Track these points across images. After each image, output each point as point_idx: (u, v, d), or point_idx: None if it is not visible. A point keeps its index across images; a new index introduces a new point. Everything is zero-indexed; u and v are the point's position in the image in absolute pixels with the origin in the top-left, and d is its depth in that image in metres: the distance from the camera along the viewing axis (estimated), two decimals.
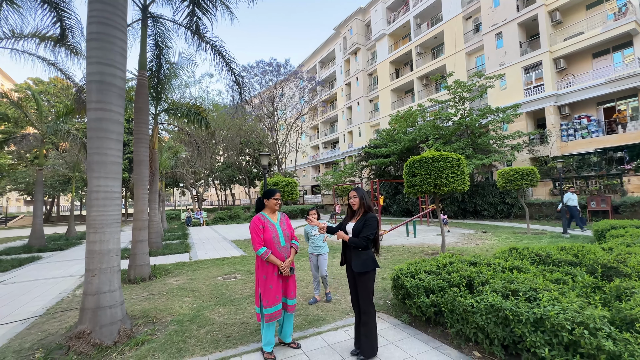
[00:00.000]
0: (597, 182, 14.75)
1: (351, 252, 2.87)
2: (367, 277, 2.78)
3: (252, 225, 2.91)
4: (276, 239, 2.93)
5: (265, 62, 26.22)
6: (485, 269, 3.59)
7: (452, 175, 6.85)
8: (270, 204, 3.04)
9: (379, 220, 2.93)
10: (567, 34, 18.96)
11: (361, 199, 2.95)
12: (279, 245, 2.93)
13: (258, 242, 2.85)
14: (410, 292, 3.49)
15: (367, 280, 2.79)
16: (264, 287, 2.84)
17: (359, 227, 2.83)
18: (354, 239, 2.79)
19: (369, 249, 2.82)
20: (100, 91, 3.33)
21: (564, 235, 9.65)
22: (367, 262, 2.76)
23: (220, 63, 7.61)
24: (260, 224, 2.90)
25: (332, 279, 5.57)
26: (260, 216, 2.97)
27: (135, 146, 6.27)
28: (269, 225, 2.95)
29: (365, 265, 2.75)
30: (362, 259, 2.78)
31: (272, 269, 2.87)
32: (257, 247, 2.84)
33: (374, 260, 2.82)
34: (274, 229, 2.96)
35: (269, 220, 2.98)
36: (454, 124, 17.15)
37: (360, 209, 2.94)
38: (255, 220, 2.93)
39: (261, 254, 2.82)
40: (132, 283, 5.81)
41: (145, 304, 4.53)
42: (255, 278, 2.98)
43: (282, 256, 2.93)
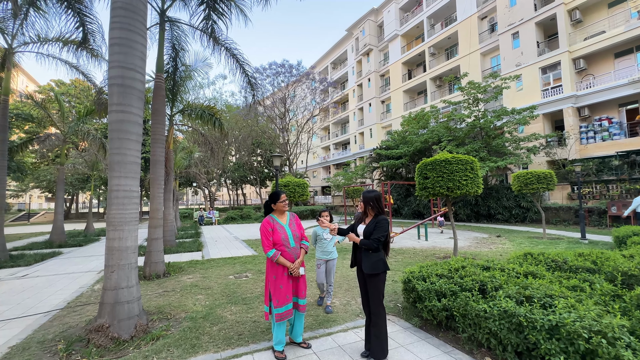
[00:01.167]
0: (619, 187, 14.22)
1: (361, 254, 2.88)
2: (378, 278, 2.79)
3: (261, 228, 2.98)
4: (285, 241, 2.96)
5: (278, 63, 26.49)
6: (498, 273, 3.53)
7: (465, 178, 6.75)
8: (278, 207, 3.09)
9: (390, 222, 2.89)
10: (587, 34, 18.38)
11: (366, 204, 2.95)
12: (289, 247, 2.97)
13: (267, 245, 2.90)
14: (421, 296, 3.48)
15: (378, 281, 2.79)
16: (274, 287, 2.89)
17: (369, 229, 2.83)
18: (364, 241, 2.80)
19: (380, 250, 2.81)
20: (121, 94, 3.46)
21: (582, 241, 9.35)
22: (378, 264, 2.76)
23: (234, 65, 7.75)
24: (269, 227, 2.95)
25: (342, 280, 5.58)
26: (269, 219, 3.02)
27: (152, 147, 6.45)
28: (277, 227, 2.99)
29: (376, 267, 2.75)
30: (372, 260, 2.78)
31: (282, 269, 2.92)
32: (266, 250, 2.89)
33: (385, 263, 2.81)
34: (283, 231, 2.99)
35: (278, 222, 3.03)
36: (467, 126, 16.87)
37: (371, 211, 2.95)
38: (265, 223, 2.98)
39: (270, 255, 2.87)
40: (147, 279, 5.98)
41: (160, 300, 4.66)
42: (266, 277, 3.03)
43: (292, 257, 2.97)
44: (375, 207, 2.92)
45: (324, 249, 4.25)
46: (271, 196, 3.14)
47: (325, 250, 4.24)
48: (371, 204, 2.93)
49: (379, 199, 2.94)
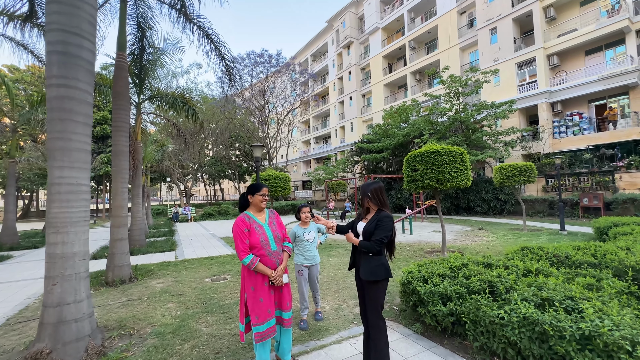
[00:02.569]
0: (590, 179, 14.81)
1: (360, 257, 2.47)
2: (377, 287, 2.37)
3: (235, 228, 2.40)
4: (265, 243, 2.45)
5: (256, 53, 25.43)
6: (504, 272, 3.25)
7: (455, 170, 6.53)
8: (256, 200, 2.55)
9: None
10: (560, 31, 18.94)
11: (365, 198, 2.50)
12: (269, 250, 2.46)
13: (243, 249, 2.35)
14: (423, 299, 3.12)
15: (377, 290, 2.38)
16: (252, 300, 2.38)
17: (370, 228, 2.39)
18: (364, 243, 2.37)
19: (382, 254, 2.38)
20: (63, 64, 2.79)
21: (561, 232, 9.53)
22: (378, 270, 2.34)
23: (209, 47, 7.03)
24: (244, 227, 2.40)
25: (331, 281, 5.17)
26: (244, 217, 2.47)
27: (114, 135, 5.67)
28: (255, 227, 2.46)
29: (375, 273, 2.33)
30: (371, 265, 2.36)
31: (261, 278, 2.41)
32: (242, 256, 2.34)
33: (387, 268, 2.37)
34: (262, 231, 2.48)
35: (255, 220, 2.49)
36: (449, 119, 16.93)
37: (372, 206, 2.49)
38: (239, 222, 2.41)
39: (247, 263, 2.33)
40: (109, 286, 5.27)
41: (122, 311, 4.02)
42: (241, 289, 2.49)
43: (274, 263, 2.46)
44: (376, 201, 2.46)
45: (305, 252, 3.50)
46: (250, 187, 2.59)
47: (308, 254, 3.51)
48: (371, 197, 2.47)
49: (380, 192, 2.49)
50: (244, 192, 2.64)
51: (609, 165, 14.71)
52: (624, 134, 15.64)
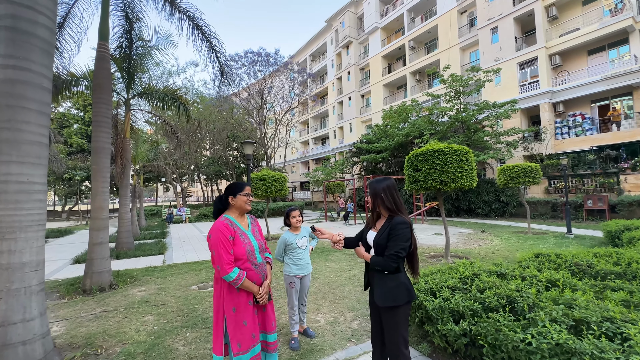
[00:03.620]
0: (593, 181, 14.47)
1: (374, 275, 1.99)
2: (397, 313, 1.87)
3: (215, 235, 1.96)
4: (251, 254, 2.06)
5: (254, 51, 25.03)
6: (521, 283, 2.86)
7: (460, 170, 6.15)
8: (240, 202, 2.12)
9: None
10: (563, 30, 18.65)
11: (374, 199, 2.01)
12: (255, 262, 2.07)
13: (227, 262, 1.92)
14: (432, 316, 2.72)
15: (397, 317, 1.87)
16: (234, 324, 1.96)
17: (382, 239, 1.92)
18: (375, 259, 1.90)
19: (401, 271, 1.91)
20: (12, 42, 2.38)
21: (568, 236, 9.16)
22: (397, 292, 1.85)
23: (200, 39, 6.63)
24: (229, 234, 1.98)
25: (326, 289, 4.75)
26: (227, 222, 2.04)
27: (94, 131, 5.26)
28: (240, 234, 2.05)
29: (394, 297, 1.85)
30: (388, 286, 1.88)
31: (245, 297, 2.00)
32: (227, 269, 1.91)
33: (409, 289, 1.88)
34: (247, 240, 2.07)
35: (239, 227, 2.08)
36: (450, 119, 16.58)
37: (383, 210, 2.00)
38: (221, 227, 1.98)
39: (233, 278, 1.91)
40: (87, 294, 4.85)
41: (93, 325, 3.60)
42: (215, 311, 2.03)
43: (260, 278, 2.08)
44: (388, 203, 1.96)
45: (299, 261, 3.07)
46: (231, 187, 2.17)
47: (301, 262, 3.08)
48: (383, 199, 1.97)
49: (394, 191, 1.99)
50: (222, 194, 2.21)
51: (614, 166, 14.38)
52: (628, 135, 15.32)
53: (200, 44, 6.63)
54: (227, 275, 1.91)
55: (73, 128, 25.52)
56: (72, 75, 7.81)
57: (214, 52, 6.81)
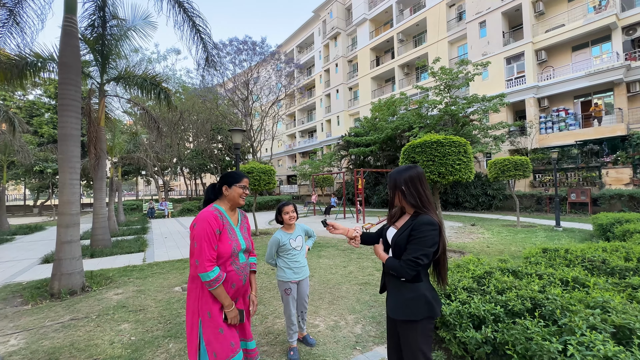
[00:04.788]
0: (577, 175, 14.81)
1: (390, 280, 1.69)
2: (414, 327, 1.55)
3: (201, 227, 1.66)
4: (235, 254, 1.79)
5: (240, 40, 24.10)
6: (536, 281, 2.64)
7: (458, 162, 5.94)
8: (234, 194, 1.84)
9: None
10: (549, 26, 18.88)
11: (394, 191, 1.65)
12: (237, 263, 1.81)
13: (209, 258, 1.63)
14: (448, 321, 2.45)
15: (414, 333, 1.54)
16: (210, 330, 1.66)
17: (401, 239, 1.59)
18: (391, 262, 1.58)
19: (422, 280, 1.57)
20: None
21: (557, 229, 9.23)
22: (414, 305, 1.54)
23: (181, 17, 6.06)
24: (216, 226, 1.70)
25: (324, 289, 4.44)
26: (217, 213, 1.76)
27: (60, 115, 4.66)
28: (228, 229, 1.77)
29: (409, 310, 1.54)
30: (404, 297, 1.57)
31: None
32: (206, 267, 1.61)
33: (429, 303, 1.54)
34: (234, 237, 1.80)
35: (228, 221, 1.80)
36: (440, 112, 16.51)
37: (407, 205, 1.65)
38: (209, 218, 1.69)
39: (211, 278, 1.62)
40: (55, 299, 4.32)
41: (59, 337, 3.14)
42: (189, 314, 1.73)
43: (240, 280, 1.82)
44: (411, 198, 1.60)
45: (293, 264, 2.68)
46: (227, 176, 1.88)
47: (297, 265, 2.69)
48: (403, 192, 1.62)
49: (416, 183, 1.61)
50: (216, 182, 1.93)
51: (596, 161, 14.75)
52: (608, 130, 15.72)
53: (182, 22, 6.05)
54: (205, 274, 1.63)
55: (44, 117, 23.90)
56: (37, 57, 7.05)
57: (197, 32, 6.25)
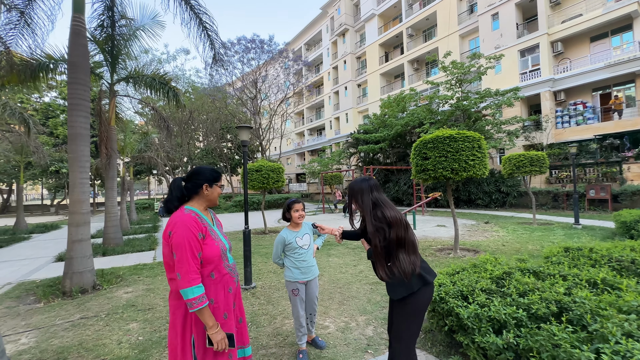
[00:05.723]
0: (596, 170, 14.26)
1: None
2: (403, 305, 1.79)
3: (182, 233, 1.45)
4: (224, 254, 1.65)
5: (247, 38, 24.12)
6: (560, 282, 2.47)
7: (472, 157, 5.74)
8: (215, 194, 1.69)
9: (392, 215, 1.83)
10: (565, 16, 18.20)
11: (350, 198, 1.99)
12: (228, 264, 1.67)
13: (194, 270, 1.44)
14: (466, 325, 2.31)
15: (404, 310, 1.79)
16: (202, 351, 1.50)
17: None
18: (369, 251, 1.89)
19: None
20: None
21: (576, 226, 8.88)
22: (398, 285, 1.78)
23: (188, 15, 6.02)
24: (198, 231, 1.51)
25: (334, 289, 4.34)
26: (195, 216, 1.55)
27: (70, 115, 4.69)
28: (210, 231, 1.60)
29: (393, 289, 1.80)
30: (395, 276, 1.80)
31: (222, 307, 1.58)
32: (191, 280, 1.42)
33: (419, 275, 1.76)
34: (216, 238, 1.64)
35: (207, 222, 1.64)
36: (451, 107, 16.14)
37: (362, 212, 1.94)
38: (190, 222, 1.49)
39: (196, 296, 1.41)
40: (67, 297, 4.36)
41: (69, 336, 3.13)
42: (173, 339, 1.52)
43: (234, 282, 1.70)
44: (360, 205, 1.90)
45: (301, 263, 2.57)
46: (207, 173, 1.67)
47: (304, 265, 2.57)
48: (357, 200, 1.93)
49: (363, 193, 1.89)
50: (185, 176, 1.69)
51: (617, 155, 14.16)
52: (630, 124, 15.08)
53: (189, 20, 6.02)
54: (190, 289, 1.40)
55: (59, 119, 24.50)
56: (49, 58, 7.15)
57: (204, 29, 6.21)
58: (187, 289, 1.40)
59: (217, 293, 1.54)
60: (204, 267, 1.52)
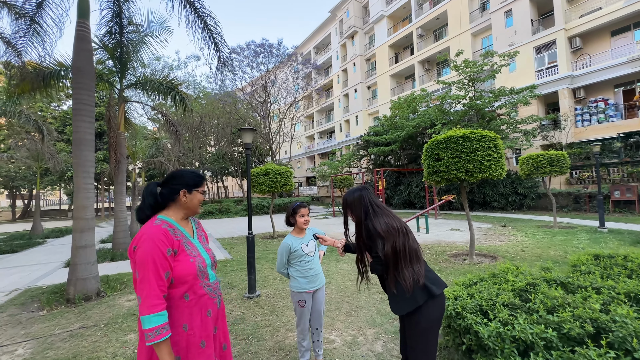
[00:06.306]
0: (620, 170, 13.52)
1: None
2: (412, 322, 1.61)
3: (147, 248, 1.23)
4: (203, 272, 1.39)
5: (257, 43, 24.30)
6: (598, 299, 2.18)
7: (488, 158, 5.43)
8: (195, 202, 1.45)
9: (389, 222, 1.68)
10: (583, 10, 17.51)
11: (344, 210, 1.85)
12: (208, 283, 1.41)
13: (156, 295, 1.20)
14: (486, 345, 2.05)
15: (416, 327, 1.60)
16: None
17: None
18: (371, 264, 1.72)
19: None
20: None
21: (601, 230, 8.34)
22: (401, 300, 1.62)
23: (192, 18, 5.98)
24: (167, 246, 1.27)
25: (341, 298, 4.11)
26: (166, 227, 1.32)
27: (74, 120, 4.67)
28: (185, 244, 1.36)
29: (397, 305, 1.64)
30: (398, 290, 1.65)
31: (198, 332, 1.33)
32: (153, 306, 1.18)
33: (425, 286, 1.59)
34: (195, 252, 1.39)
35: (183, 234, 1.40)
36: (465, 107, 15.68)
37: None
38: (157, 236, 1.26)
39: (155, 326, 1.17)
40: (70, 304, 4.29)
41: (65, 347, 3.03)
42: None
43: (215, 304, 1.44)
44: (356, 214, 1.78)
45: (307, 272, 2.38)
46: (186, 176, 1.44)
47: (310, 274, 2.38)
48: (352, 209, 1.81)
49: (354, 203, 1.78)
50: (157, 182, 1.45)
51: None
52: None
53: (194, 23, 5.97)
54: (148, 317, 1.17)
55: None
56: (60, 65, 7.25)
57: (209, 32, 6.14)
58: (146, 316, 1.17)
59: (192, 318, 1.32)
60: (176, 288, 1.30)
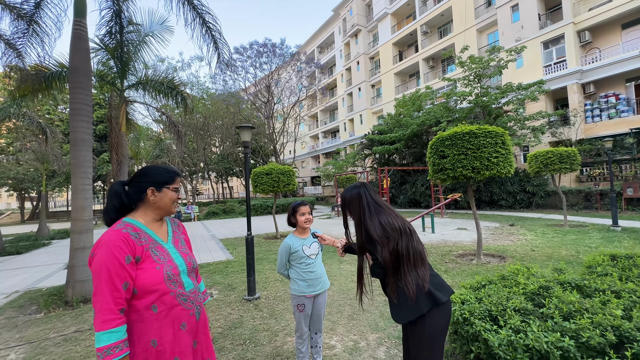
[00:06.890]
0: (633, 167, 13.13)
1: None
2: (415, 331, 1.48)
3: (102, 257, 1.10)
4: (174, 280, 1.22)
5: (259, 43, 24.25)
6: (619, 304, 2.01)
7: (495, 154, 5.23)
8: (166, 201, 1.29)
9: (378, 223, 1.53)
10: (592, 3, 17.05)
11: (343, 209, 1.74)
12: (181, 292, 1.24)
13: (109, 309, 1.06)
14: (496, 355, 1.90)
15: (418, 339, 1.47)
16: None
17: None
18: (372, 267, 1.61)
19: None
20: None
21: (614, 229, 8.05)
22: (403, 307, 1.49)
23: (191, 15, 5.89)
24: (126, 254, 1.13)
25: (343, 301, 3.98)
26: (127, 231, 1.18)
27: (71, 120, 4.61)
28: (152, 250, 1.21)
29: (398, 313, 1.51)
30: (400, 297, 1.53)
31: (166, 356, 1.17)
32: (105, 321, 1.05)
33: (430, 292, 1.44)
34: (165, 258, 1.23)
35: (151, 238, 1.24)
36: (471, 104, 15.40)
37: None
38: (114, 242, 1.12)
39: (109, 343, 1.04)
40: (68, 306, 4.23)
41: (57, 352, 2.94)
42: None
43: (192, 316, 1.27)
44: (355, 214, 1.65)
45: (308, 275, 2.25)
46: (153, 173, 1.29)
47: (312, 277, 2.25)
48: (350, 208, 1.69)
49: (352, 202, 1.65)
50: (123, 181, 1.31)
51: None
52: None
53: (192, 20, 5.89)
54: (100, 334, 1.04)
55: None
56: (62, 66, 7.22)
57: (208, 29, 6.05)
58: (99, 332, 1.04)
59: (162, 332, 1.17)
60: (142, 299, 1.15)
